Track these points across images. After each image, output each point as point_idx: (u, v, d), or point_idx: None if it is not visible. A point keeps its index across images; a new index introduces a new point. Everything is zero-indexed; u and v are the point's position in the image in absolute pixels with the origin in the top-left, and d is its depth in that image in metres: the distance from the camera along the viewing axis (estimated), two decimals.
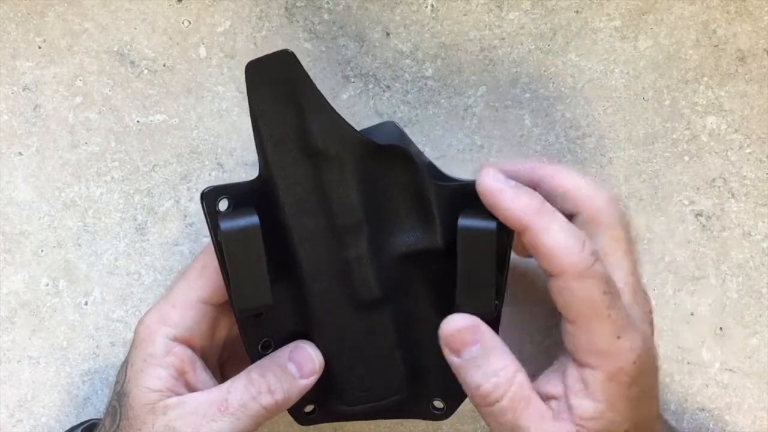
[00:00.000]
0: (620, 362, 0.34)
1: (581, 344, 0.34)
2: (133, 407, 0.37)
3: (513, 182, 0.35)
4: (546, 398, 0.35)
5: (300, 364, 0.38)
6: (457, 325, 0.35)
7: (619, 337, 0.33)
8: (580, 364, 0.34)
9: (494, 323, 0.36)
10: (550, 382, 0.35)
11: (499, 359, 0.35)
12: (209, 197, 0.35)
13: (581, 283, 0.33)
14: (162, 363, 0.37)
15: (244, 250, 0.35)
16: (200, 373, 0.38)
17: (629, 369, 0.34)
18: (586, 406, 0.34)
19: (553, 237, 0.34)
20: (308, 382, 0.38)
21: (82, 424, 0.43)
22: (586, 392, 0.34)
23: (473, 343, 0.35)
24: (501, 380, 0.35)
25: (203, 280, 0.38)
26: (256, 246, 0.35)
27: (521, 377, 0.35)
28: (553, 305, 0.39)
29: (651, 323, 0.36)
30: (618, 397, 0.34)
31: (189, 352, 0.38)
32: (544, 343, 0.39)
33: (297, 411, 0.40)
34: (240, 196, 0.36)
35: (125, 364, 0.38)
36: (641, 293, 0.36)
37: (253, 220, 0.35)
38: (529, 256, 0.38)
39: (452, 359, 0.36)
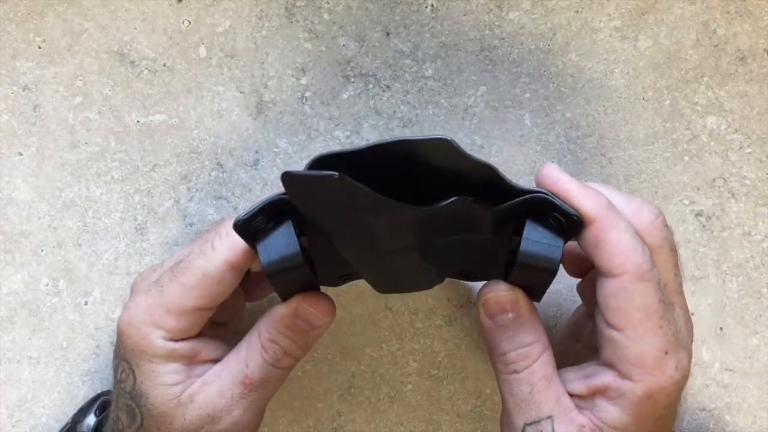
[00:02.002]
0: (663, 381, 0.32)
1: (626, 355, 0.32)
2: (157, 405, 0.36)
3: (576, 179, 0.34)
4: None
5: (308, 319, 0.36)
6: (499, 293, 0.35)
7: (666, 353, 0.32)
8: (620, 374, 0.33)
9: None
10: (569, 381, 0.34)
11: (532, 334, 0.34)
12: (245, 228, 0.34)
13: (640, 285, 0.32)
14: (169, 358, 0.36)
15: (286, 275, 0.35)
16: (208, 344, 0.38)
17: (670, 390, 0.32)
18: (613, 413, 0.33)
19: (620, 235, 0.32)
20: (322, 330, 0.37)
21: (95, 399, 0.43)
22: (617, 401, 0.33)
23: (510, 311, 0.35)
24: (527, 352, 0.34)
25: (202, 290, 0.36)
26: (297, 269, 0.34)
27: (548, 357, 0.34)
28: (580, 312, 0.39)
29: (692, 343, 0.35)
30: (649, 416, 0.33)
31: (191, 339, 0.37)
32: None
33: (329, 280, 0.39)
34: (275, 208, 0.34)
35: (124, 364, 0.37)
36: (687, 313, 0.35)
37: (295, 249, 0.34)
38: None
39: (485, 320, 0.35)
